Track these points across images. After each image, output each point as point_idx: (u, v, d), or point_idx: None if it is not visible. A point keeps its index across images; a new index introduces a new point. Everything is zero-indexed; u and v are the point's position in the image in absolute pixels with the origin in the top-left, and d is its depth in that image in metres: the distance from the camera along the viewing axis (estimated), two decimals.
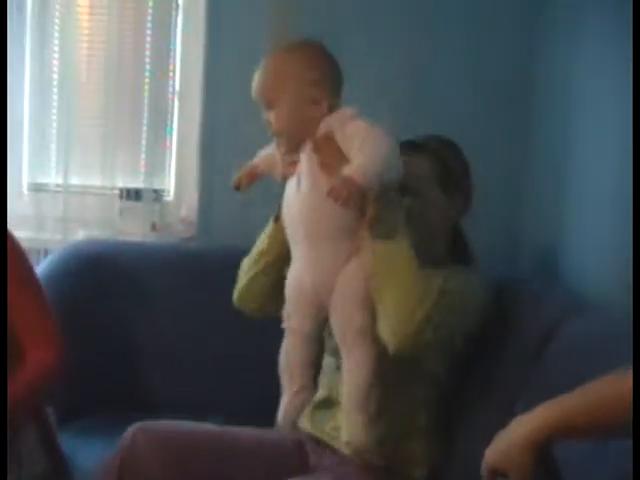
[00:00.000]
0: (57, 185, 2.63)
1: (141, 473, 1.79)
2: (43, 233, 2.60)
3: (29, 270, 2.01)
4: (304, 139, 1.68)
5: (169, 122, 2.69)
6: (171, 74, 2.67)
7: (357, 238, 1.67)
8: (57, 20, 2.59)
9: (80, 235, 2.60)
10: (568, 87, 2.40)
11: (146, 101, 2.66)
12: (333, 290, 1.68)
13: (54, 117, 2.63)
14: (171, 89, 2.67)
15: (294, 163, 1.71)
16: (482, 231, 2.59)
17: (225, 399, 2.30)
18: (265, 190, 1.81)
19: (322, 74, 1.68)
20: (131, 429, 1.83)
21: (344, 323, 1.67)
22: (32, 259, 2.34)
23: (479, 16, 2.61)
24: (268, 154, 1.80)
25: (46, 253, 2.52)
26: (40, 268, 2.34)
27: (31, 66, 2.61)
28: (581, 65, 2.34)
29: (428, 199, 1.82)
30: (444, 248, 1.89)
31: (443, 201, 1.85)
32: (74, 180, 2.64)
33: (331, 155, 1.64)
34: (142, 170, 2.66)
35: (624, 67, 1.95)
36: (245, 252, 2.24)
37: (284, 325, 1.76)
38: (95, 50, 2.64)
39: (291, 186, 1.72)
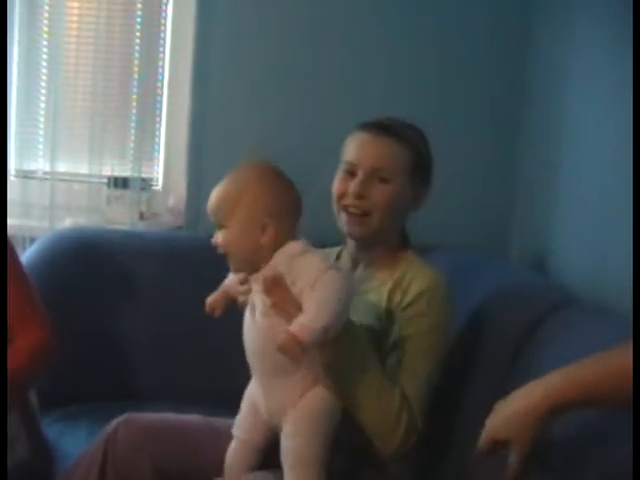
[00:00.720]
0: (44, 172, 2.62)
1: (124, 466, 1.77)
2: (29, 220, 2.59)
3: (13, 256, 1.99)
4: (253, 264, 1.66)
5: (158, 111, 2.68)
6: (160, 62, 2.66)
7: (311, 372, 1.65)
8: (46, 7, 2.57)
9: (67, 223, 2.59)
10: (562, 87, 2.40)
11: (135, 90, 2.64)
12: (286, 415, 1.67)
13: (42, 104, 2.63)
14: (160, 77, 2.66)
15: (247, 291, 1.69)
16: (473, 227, 2.61)
17: (209, 387, 2.30)
18: None
19: (273, 202, 1.64)
20: (114, 422, 1.82)
21: (293, 453, 1.65)
22: (18, 246, 2.34)
23: (472, 11, 2.62)
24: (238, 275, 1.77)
25: (32, 240, 2.51)
26: (26, 255, 2.33)
27: (19, 52, 2.59)
28: (576, 62, 2.34)
29: (399, 189, 1.80)
30: (398, 236, 1.87)
31: (410, 192, 1.82)
32: (61, 167, 2.63)
33: (281, 296, 1.62)
34: (130, 158, 2.65)
35: (620, 64, 1.96)
36: None
37: (233, 431, 1.76)
38: (84, 38, 2.63)
39: (247, 315, 1.71)
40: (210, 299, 1.78)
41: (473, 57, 2.62)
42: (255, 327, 1.69)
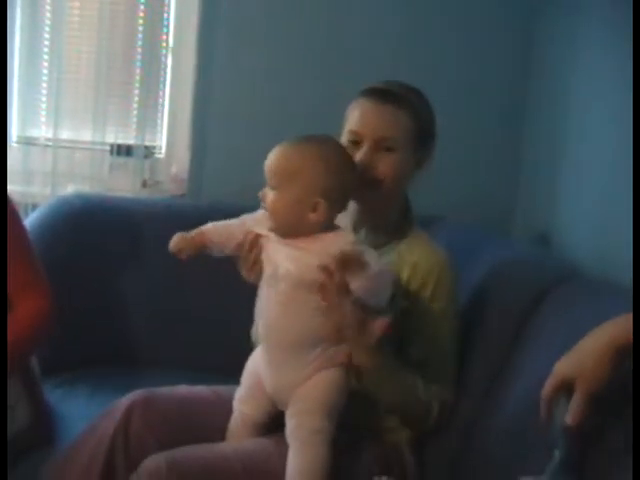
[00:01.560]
0: (47, 139, 2.61)
1: (134, 448, 1.71)
2: (31, 187, 2.58)
3: (18, 224, 1.98)
4: (293, 232, 1.64)
5: (162, 79, 2.66)
6: (165, 30, 2.64)
7: (328, 352, 1.64)
8: None
9: (69, 190, 2.58)
10: (567, 65, 2.40)
11: (139, 57, 2.63)
12: (293, 394, 1.66)
13: (45, 70, 2.61)
14: (165, 45, 2.64)
15: (255, 265, 1.69)
16: (477, 203, 2.61)
17: (208, 354, 2.31)
18: (257, 147, 1.79)
19: (332, 185, 1.63)
20: (128, 400, 1.76)
21: (300, 425, 1.64)
22: (20, 213, 2.33)
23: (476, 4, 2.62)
24: (227, 225, 1.74)
25: (34, 207, 2.50)
26: (28, 221, 2.32)
27: (22, 17, 2.57)
28: (579, 53, 2.34)
29: (404, 156, 1.77)
30: (402, 203, 1.85)
31: (412, 159, 1.80)
32: (64, 134, 2.61)
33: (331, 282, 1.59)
34: (133, 126, 2.64)
35: (623, 55, 1.95)
36: (235, 210, 2.23)
37: (234, 404, 1.76)
38: (88, 3, 2.61)
39: (266, 282, 1.69)
40: (179, 238, 1.70)
41: (478, 41, 2.63)
42: (278, 296, 1.66)
